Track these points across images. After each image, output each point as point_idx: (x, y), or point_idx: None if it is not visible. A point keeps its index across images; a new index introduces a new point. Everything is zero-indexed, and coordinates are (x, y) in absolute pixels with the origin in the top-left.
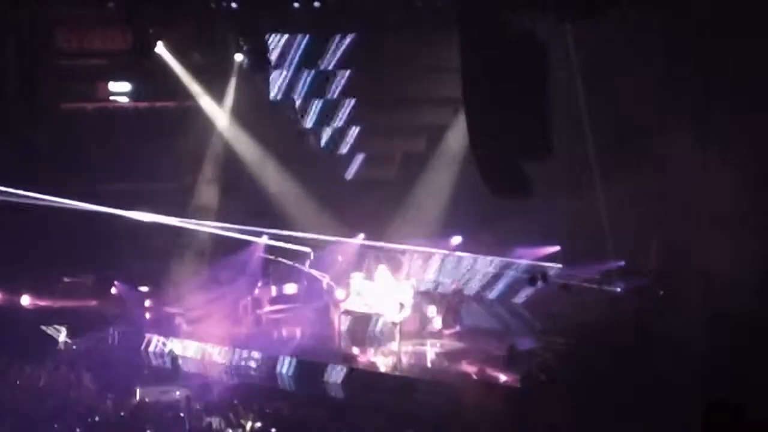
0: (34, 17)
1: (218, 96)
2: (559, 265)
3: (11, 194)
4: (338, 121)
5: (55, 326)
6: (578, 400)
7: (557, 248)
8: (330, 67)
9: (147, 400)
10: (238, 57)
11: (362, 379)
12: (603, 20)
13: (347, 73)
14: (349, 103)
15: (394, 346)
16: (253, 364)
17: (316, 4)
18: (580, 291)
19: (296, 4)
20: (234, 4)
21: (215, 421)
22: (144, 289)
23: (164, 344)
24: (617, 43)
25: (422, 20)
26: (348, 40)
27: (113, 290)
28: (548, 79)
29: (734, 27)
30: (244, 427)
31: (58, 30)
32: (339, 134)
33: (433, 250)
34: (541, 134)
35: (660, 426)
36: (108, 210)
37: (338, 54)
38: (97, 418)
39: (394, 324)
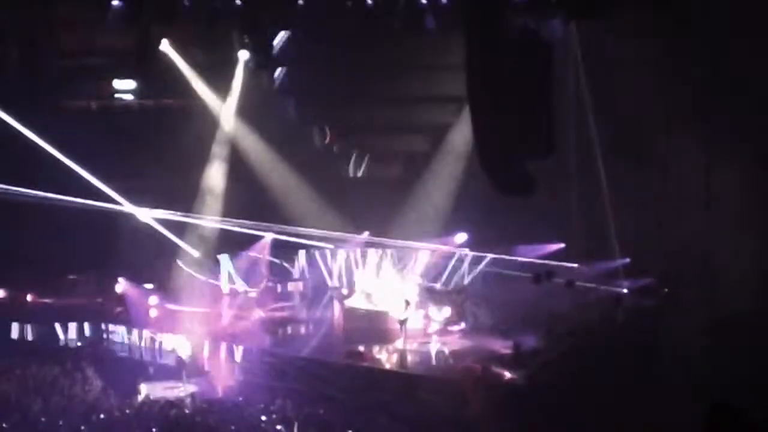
0: (38, 16)
1: (222, 93)
2: (564, 264)
3: (16, 193)
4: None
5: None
6: (582, 399)
7: (561, 246)
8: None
9: (152, 396)
10: (242, 54)
11: (366, 376)
12: (607, 21)
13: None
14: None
15: (399, 343)
16: (257, 362)
17: (320, 1)
18: (585, 289)
19: (300, 2)
20: (238, 2)
21: (220, 418)
22: (149, 286)
23: (170, 341)
24: (621, 43)
25: (427, 19)
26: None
27: (118, 288)
28: (553, 78)
29: (737, 28)
30: (248, 424)
31: (62, 29)
32: None
33: (438, 247)
34: (545, 133)
35: (662, 425)
36: (113, 207)
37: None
38: (102, 416)
39: (399, 321)
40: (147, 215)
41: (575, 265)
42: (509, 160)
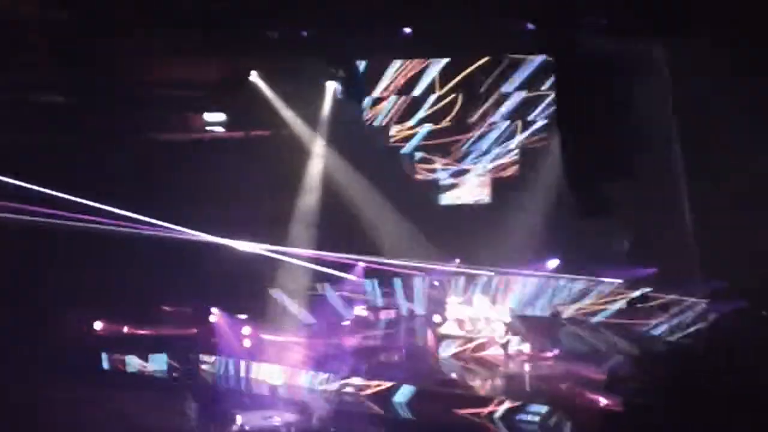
0: (125, 48)
1: (312, 123)
2: (657, 287)
3: (111, 224)
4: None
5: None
6: (679, 424)
7: (654, 269)
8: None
9: (247, 426)
10: (331, 84)
11: (459, 403)
12: (687, 39)
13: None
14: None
15: (493, 370)
16: (350, 390)
17: (407, 30)
18: (680, 312)
19: (387, 30)
20: (325, 32)
21: None
22: (242, 316)
23: (265, 371)
24: (702, 60)
25: (512, 43)
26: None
27: (211, 318)
28: (639, 99)
29: None
30: None
31: (148, 61)
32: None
33: (530, 273)
34: (633, 155)
35: None
36: (207, 238)
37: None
38: None
39: (498, 347)
40: (239, 246)
41: (670, 287)
42: (593, 183)
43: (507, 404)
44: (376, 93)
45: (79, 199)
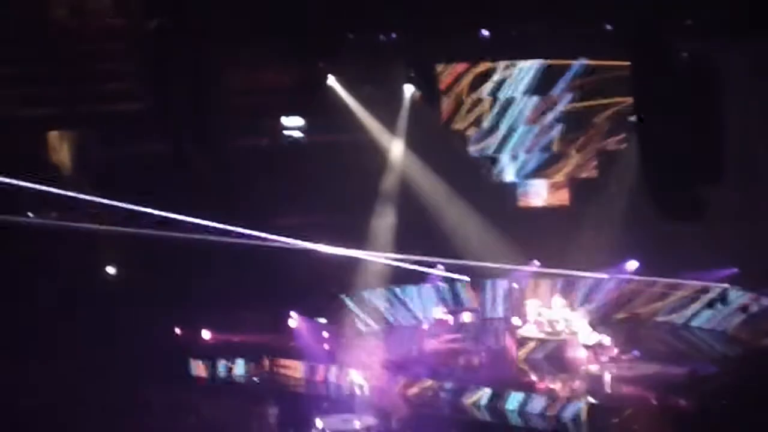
0: (206, 55)
1: (391, 127)
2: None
3: (189, 230)
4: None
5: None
6: (758, 426)
7: (734, 271)
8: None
9: (327, 430)
10: (408, 87)
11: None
12: None
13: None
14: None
15: (573, 371)
16: (429, 393)
17: (485, 32)
18: (760, 313)
19: (464, 33)
20: (402, 36)
21: None
22: (321, 320)
23: (344, 374)
24: None
25: (593, 45)
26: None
27: (291, 322)
28: (721, 102)
29: None
30: None
31: (229, 67)
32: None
33: (609, 275)
34: (714, 158)
35: None
36: (285, 243)
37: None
38: None
39: (578, 349)
40: (318, 250)
41: (751, 289)
42: (678, 186)
43: (588, 405)
44: (452, 96)
45: (155, 211)
